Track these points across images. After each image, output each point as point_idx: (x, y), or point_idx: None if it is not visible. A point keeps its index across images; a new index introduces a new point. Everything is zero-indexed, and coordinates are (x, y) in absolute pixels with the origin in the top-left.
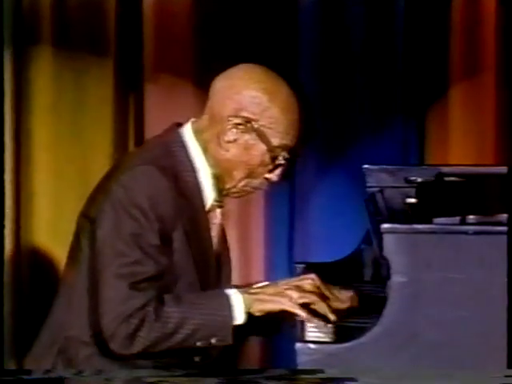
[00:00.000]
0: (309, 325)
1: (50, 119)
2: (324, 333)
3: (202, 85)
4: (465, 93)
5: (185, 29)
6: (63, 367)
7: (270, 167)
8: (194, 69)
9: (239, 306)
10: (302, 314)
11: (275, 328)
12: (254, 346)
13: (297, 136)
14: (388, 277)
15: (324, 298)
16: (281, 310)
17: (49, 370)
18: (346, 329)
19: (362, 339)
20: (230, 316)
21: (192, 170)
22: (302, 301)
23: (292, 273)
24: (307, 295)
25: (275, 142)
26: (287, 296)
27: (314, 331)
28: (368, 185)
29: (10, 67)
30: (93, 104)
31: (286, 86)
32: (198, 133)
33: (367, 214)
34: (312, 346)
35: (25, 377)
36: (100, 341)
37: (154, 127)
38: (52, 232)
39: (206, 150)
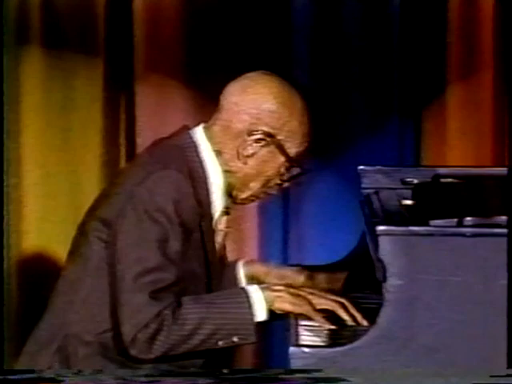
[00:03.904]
0: (303, 328)
1: (39, 119)
2: (318, 336)
3: (194, 85)
4: (462, 93)
5: (176, 28)
6: (60, 365)
7: (285, 176)
8: (185, 69)
9: (260, 303)
10: (321, 320)
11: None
12: (247, 350)
13: (309, 141)
14: (384, 280)
15: (343, 304)
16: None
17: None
18: (340, 332)
19: (358, 343)
20: (251, 313)
21: (205, 176)
22: (321, 307)
23: None
24: (327, 302)
25: (292, 152)
26: (307, 300)
27: (308, 335)
28: (363, 186)
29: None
30: (82, 104)
31: (299, 96)
32: (211, 140)
33: (362, 216)
34: (306, 349)
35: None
36: (120, 345)
37: (145, 128)
38: (41, 233)
39: (219, 159)
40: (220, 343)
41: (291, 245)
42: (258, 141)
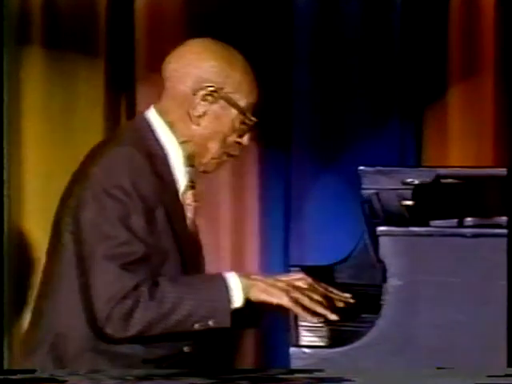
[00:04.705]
0: (303, 329)
1: (40, 121)
2: (318, 337)
3: None
4: (463, 94)
5: (177, 29)
6: (53, 365)
7: (241, 131)
8: None
9: (237, 289)
10: (297, 310)
11: (255, 320)
12: (248, 350)
13: (257, 92)
14: (384, 280)
15: (323, 297)
16: (276, 304)
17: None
18: (340, 333)
19: (358, 343)
20: (228, 298)
21: (163, 152)
22: (298, 296)
23: None
24: (305, 293)
25: (243, 103)
26: (285, 291)
27: (308, 335)
28: (364, 187)
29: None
30: (83, 105)
31: (235, 50)
32: (163, 115)
33: (363, 217)
34: (306, 350)
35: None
36: (95, 327)
37: None
38: (41, 235)
39: (174, 131)
40: (196, 326)
41: (292, 245)
42: (205, 98)
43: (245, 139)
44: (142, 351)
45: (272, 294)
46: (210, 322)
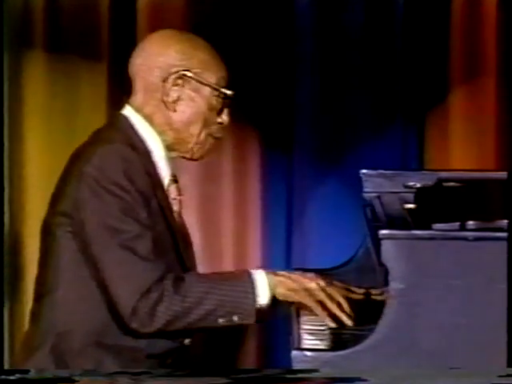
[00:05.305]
0: (305, 332)
1: (42, 123)
2: (320, 340)
3: None
4: (465, 97)
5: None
6: (55, 364)
7: (219, 108)
8: None
9: (263, 286)
10: (320, 311)
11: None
12: (250, 354)
13: (225, 67)
14: (386, 283)
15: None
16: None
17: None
18: (342, 336)
19: (360, 347)
20: (254, 293)
21: (146, 148)
22: (322, 298)
23: None
24: (328, 295)
25: (213, 79)
26: (309, 290)
27: (310, 338)
28: (366, 190)
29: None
30: (86, 108)
31: (194, 35)
32: (139, 111)
33: (365, 220)
34: (308, 353)
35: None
36: (119, 322)
37: None
38: None
39: (153, 124)
40: (220, 321)
41: (294, 248)
42: (176, 83)
43: (224, 117)
44: (146, 345)
45: (297, 292)
46: (235, 318)
